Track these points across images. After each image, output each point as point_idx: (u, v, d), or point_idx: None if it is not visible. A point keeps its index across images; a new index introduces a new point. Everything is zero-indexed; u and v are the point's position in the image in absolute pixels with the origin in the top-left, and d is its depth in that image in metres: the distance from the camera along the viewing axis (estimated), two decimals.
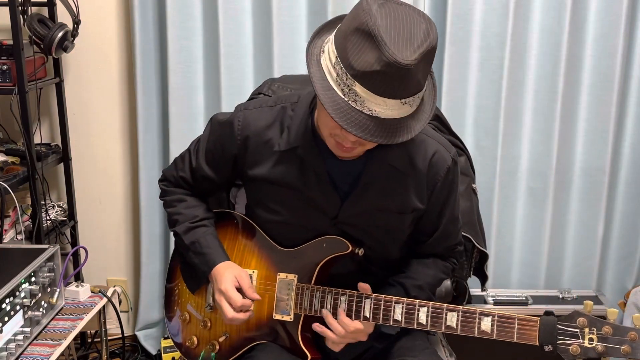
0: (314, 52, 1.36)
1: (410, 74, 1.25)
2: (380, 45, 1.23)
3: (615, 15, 2.46)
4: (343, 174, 1.53)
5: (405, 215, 1.56)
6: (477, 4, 2.47)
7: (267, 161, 1.55)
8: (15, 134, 2.62)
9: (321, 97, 1.29)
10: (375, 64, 1.23)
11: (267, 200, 1.59)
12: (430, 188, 1.55)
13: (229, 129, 1.58)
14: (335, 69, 1.29)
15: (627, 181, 2.68)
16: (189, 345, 1.70)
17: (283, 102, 1.57)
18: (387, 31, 1.24)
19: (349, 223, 1.56)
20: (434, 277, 1.65)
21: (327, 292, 1.54)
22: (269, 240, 1.64)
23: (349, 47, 1.27)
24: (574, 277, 2.75)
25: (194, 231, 1.65)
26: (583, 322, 1.33)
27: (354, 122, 1.28)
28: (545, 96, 2.56)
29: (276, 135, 1.54)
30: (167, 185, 1.75)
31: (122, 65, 2.67)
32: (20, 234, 2.40)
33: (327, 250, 1.55)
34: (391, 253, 1.63)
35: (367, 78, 1.25)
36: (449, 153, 1.57)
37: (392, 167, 1.51)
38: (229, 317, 1.54)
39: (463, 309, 1.41)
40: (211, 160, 1.64)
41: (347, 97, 1.28)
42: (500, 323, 1.38)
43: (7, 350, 1.79)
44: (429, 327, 1.44)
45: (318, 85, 1.31)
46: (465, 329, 1.41)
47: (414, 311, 1.46)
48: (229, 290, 1.54)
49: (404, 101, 1.29)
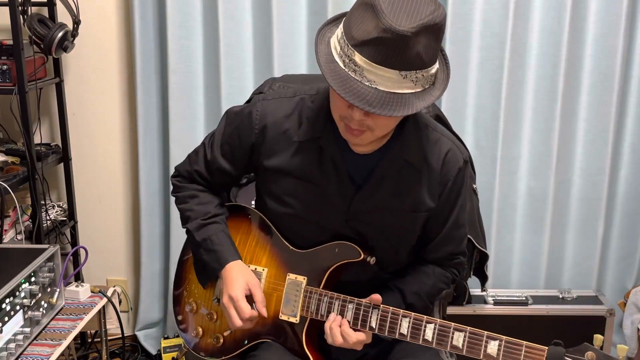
0: (325, 34, 1.39)
1: (408, 44, 1.24)
2: (378, 14, 1.25)
3: (615, 15, 2.46)
4: (359, 167, 1.52)
5: (417, 214, 1.54)
6: (477, 4, 2.47)
7: (285, 152, 1.54)
8: (15, 134, 2.62)
9: (323, 68, 1.31)
10: (373, 31, 1.25)
11: (279, 192, 1.58)
12: (441, 187, 1.54)
13: (247, 119, 1.58)
14: (339, 43, 1.32)
15: (627, 181, 2.68)
16: (194, 335, 1.70)
17: (302, 94, 1.57)
18: (389, 4, 1.26)
19: (360, 220, 1.54)
20: (432, 287, 1.62)
21: (335, 298, 1.52)
22: (282, 239, 1.62)
23: (352, 20, 1.30)
24: (574, 277, 2.75)
25: (205, 228, 1.64)
26: (592, 356, 1.30)
27: (353, 91, 1.28)
28: (545, 96, 2.56)
29: (294, 126, 1.54)
30: (181, 180, 1.73)
31: (122, 65, 2.67)
32: (20, 234, 2.40)
33: (338, 256, 1.54)
34: (400, 257, 1.62)
35: (365, 46, 1.26)
36: (462, 154, 1.56)
37: (406, 162, 1.50)
38: (235, 325, 1.54)
39: (470, 330, 1.39)
40: (228, 152, 1.63)
41: (347, 67, 1.30)
42: (507, 348, 1.36)
43: (7, 350, 1.79)
44: (435, 344, 1.42)
45: (322, 59, 1.33)
46: (472, 350, 1.39)
47: (420, 327, 1.44)
48: (240, 299, 1.53)
49: (404, 74, 1.28)
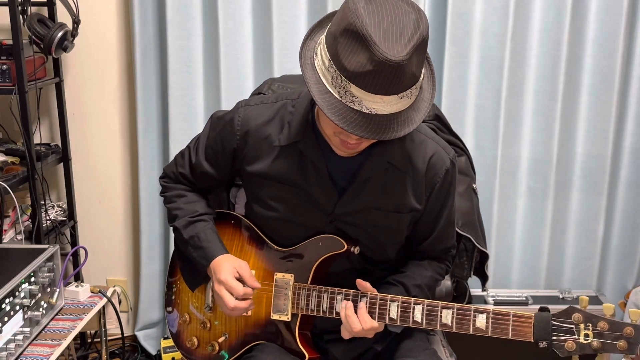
0: (307, 55, 1.36)
1: (404, 69, 1.25)
2: (370, 45, 1.23)
3: (615, 15, 2.46)
4: (342, 170, 1.53)
5: (402, 214, 1.55)
6: (477, 4, 2.47)
7: (267, 157, 1.55)
8: (15, 134, 2.62)
9: (319, 101, 1.30)
10: (367, 64, 1.24)
11: (264, 197, 1.59)
12: (429, 189, 1.55)
13: (229, 124, 1.59)
14: (329, 71, 1.30)
15: (627, 181, 2.67)
16: (190, 346, 1.70)
17: (284, 99, 1.58)
18: (375, 29, 1.24)
19: (345, 221, 1.55)
20: (430, 278, 1.64)
21: (324, 291, 1.53)
22: (266, 240, 1.64)
23: (340, 49, 1.27)
24: (575, 277, 2.74)
25: (193, 225, 1.64)
26: (578, 317, 1.32)
27: (354, 123, 1.28)
28: (546, 96, 2.56)
29: (276, 131, 1.55)
30: (168, 181, 1.75)
31: (122, 65, 2.67)
32: (20, 234, 2.40)
33: (322, 249, 1.55)
34: (388, 254, 1.63)
35: (361, 78, 1.25)
36: (448, 155, 1.56)
37: (390, 164, 1.51)
38: (230, 306, 1.52)
39: (458, 306, 1.41)
40: (211, 157, 1.64)
41: (343, 98, 1.29)
42: (495, 320, 1.38)
43: (6, 350, 1.79)
44: (424, 324, 1.44)
45: (314, 89, 1.31)
46: (461, 326, 1.41)
47: (409, 309, 1.45)
48: (229, 280, 1.53)
49: (401, 95, 1.29)
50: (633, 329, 1.28)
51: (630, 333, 1.28)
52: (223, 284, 1.54)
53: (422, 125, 1.58)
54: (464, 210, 1.85)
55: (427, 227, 1.61)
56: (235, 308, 1.53)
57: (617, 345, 1.28)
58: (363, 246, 1.57)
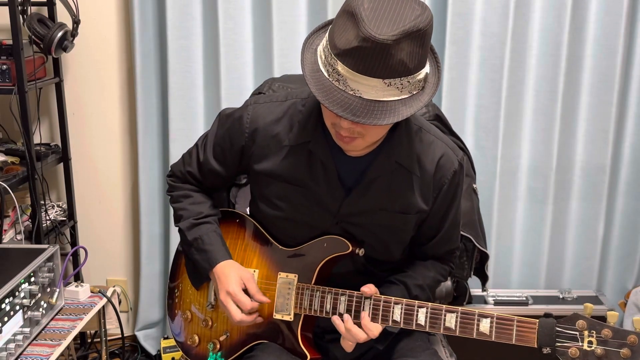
0: (314, 41, 1.39)
1: (389, 52, 1.24)
2: (358, 22, 1.24)
3: (615, 15, 2.46)
4: (350, 170, 1.52)
5: (408, 215, 1.55)
6: (477, 4, 2.47)
7: (275, 155, 1.55)
8: (15, 133, 2.62)
9: (308, 77, 1.32)
10: (353, 40, 1.25)
11: (270, 196, 1.59)
12: (436, 191, 1.55)
13: (238, 122, 1.58)
14: (324, 52, 1.32)
15: (627, 181, 2.68)
16: (190, 344, 1.70)
17: (294, 97, 1.57)
18: (370, 11, 1.25)
19: (350, 221, 1.55)
20: (433, 279, 1.65)
21: (327, 292, 1.53)
22: (271, 240, 1.63)
23: (335, 28, 1.30)
24: (574, 277, 2.75)
25: (197, 228, 1.64)
26: (582, 324, 1.32)
27: (337, 101, 1.28)
28: (546, 96, 2.56)
29: (285, 130, 1.54)
30: (175, 180, 1.74)
31: (122, 65, 2.67)
32: (20, 234, 2.40)
33: (327, 250, 1.55)
34: (393, 254, 1.63)
35: (347, 56, 1.26)
36: (457, 157, 1.56)
37: (398, 164, 1.50)
38: (237, 319, 1.53)
39: (462, 310, 1.41)
40: (219, 154, 1.64)
41: (331, 76, 1.30)
42: (499, 325, 1.38)
43: (6, 350, 1.79)
44: (428, 328, 1.44)
45: (308, 68, 1.33)
46: (464, 330, 1.41)
47: (412, 312, 1.45)
48: (237, 293, 1.53)
49: (388, 82, 1.27)
50: (637, 337, 1.28)
51: (634, 341, 1.28)
52: (231, 296, 1.54)
53: (432, 126, 1.58)
54: (464, 210, 1.84)
55: (433, 229, 1.61)
56: (242, 321, 1.54)
57: (620, 353, 1.28)
58: (368, 246, 1.57)
